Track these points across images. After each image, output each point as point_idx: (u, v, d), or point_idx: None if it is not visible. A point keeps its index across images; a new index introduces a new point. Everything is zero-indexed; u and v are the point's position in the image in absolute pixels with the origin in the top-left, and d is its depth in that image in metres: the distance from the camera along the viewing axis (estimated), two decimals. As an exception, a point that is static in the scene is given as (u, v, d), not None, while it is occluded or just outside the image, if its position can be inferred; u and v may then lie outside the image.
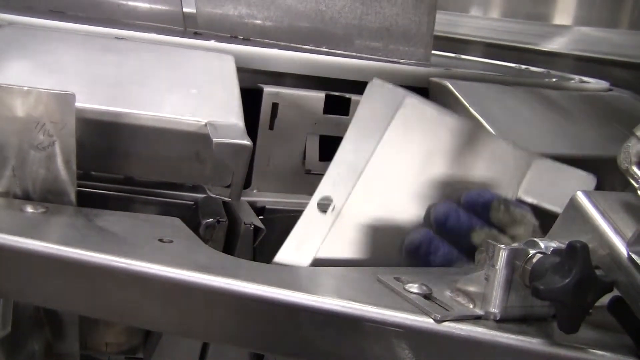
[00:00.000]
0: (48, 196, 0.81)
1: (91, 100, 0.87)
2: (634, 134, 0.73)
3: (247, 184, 0.90)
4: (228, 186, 0.90)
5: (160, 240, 0.75)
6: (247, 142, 0.85)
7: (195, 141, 0.88)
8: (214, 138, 0.84)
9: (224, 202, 0.95)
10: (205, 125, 0.88)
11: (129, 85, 0.93)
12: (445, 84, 1.16)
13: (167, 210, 0.96)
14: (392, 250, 0.84)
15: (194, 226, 0.92)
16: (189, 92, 0.95)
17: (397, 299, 0.70)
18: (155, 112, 0.88)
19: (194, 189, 0.96)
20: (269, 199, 1.04)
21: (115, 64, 0.98)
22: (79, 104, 0.82)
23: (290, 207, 1.01)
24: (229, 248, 0.95)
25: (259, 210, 0.99)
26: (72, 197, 0.81)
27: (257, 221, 0.94)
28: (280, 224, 1.00)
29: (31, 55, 0.95)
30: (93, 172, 0.91)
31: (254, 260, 0.94)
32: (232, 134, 0.86)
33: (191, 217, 0.95)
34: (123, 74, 0.95)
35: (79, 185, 0.83)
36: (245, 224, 0.92)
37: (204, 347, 1.05)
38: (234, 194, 0.89)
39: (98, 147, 0.87)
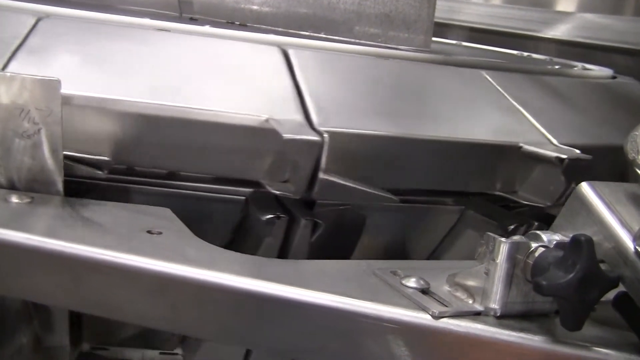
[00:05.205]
0: (34, 186, 0.78)
1: (149, 96, 0.85)
2: (641, 122, 0.71)
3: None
4: (285, 181, 0.88)
5: (149, 231, 0.73)
6: (317, 137, 0.84)
7: (256, 137, 0.86)
8: (284, 134, 0.83)
9: (275, 197, 0.93)
10: (267, 120, 0.86)
11: (184, 81, 0.91)
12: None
13: (214, 205, 0.93)
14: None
15: (248, 221, 0.91)
16: (244, 87, 0.93)
17: (394, 294, 0.68)
18: (216, 107, 0.86)
19: (233, 182, 0.93)
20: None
21: (164, 57, 0.95)
22: (138, 100, 0.82)
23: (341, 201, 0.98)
24: (284, 243, 0.93)
25: (310, 204, 0.97)
26: (59, 186, 0.79)
27: (314, 216, 0.92)
28: (331, 218, 0.97)
29: (82, 50, 0.92)
30: (137, 168, 0.88)
31: (309, 255, 0.92)
32: (297, 129, 0.85)
33: (243, 212, 0.93)
34: (176, 69, 0.93)
35: (118, 181, 0.83)
36: (305, 219, 0.90)
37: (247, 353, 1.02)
38: (299, 189, 0.87)
39: (151, 142, 0.85)
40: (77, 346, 0.99)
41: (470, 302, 0.67)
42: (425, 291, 0.68)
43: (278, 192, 0.87)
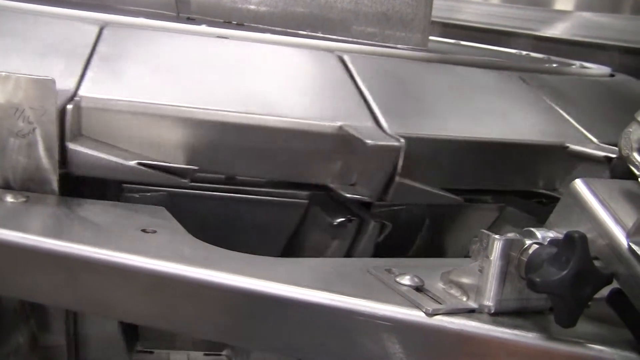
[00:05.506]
0: (29, 185, 0.78)
1: (224, 105, 0.86)
2: (635, 119, 0.71)
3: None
4: (352, 184, 0.89)
5: (144, 230, 0.73)
6: (397, 143, 0.86)
7: (331, 142, 0.88)
8: (367, 140, 0.84)
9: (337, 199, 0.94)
10: (341, 127, 0.87)
11: (251, 88, 0.92)
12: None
13: (272, 208, 0.95)
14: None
15: (311, 224, 0.93)
16: (310, 93, 0.95)
17: (388, 292, 0.67)
18: (290, 115, 0.87)
19: (293, 186, 0.95)
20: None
21: (228, 65, 0.97)
22: (216, 108, 0.84)
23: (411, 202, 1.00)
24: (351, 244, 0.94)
25: (366, 205, 0.98)
26: (54, 185, 0.79)
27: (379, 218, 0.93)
28: (389, 218, 0.98)
29: (151, 58, 0.94)
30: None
31: (375, 255, 0.94)
32: (376, 135, 0.87)
33: (304, 215, 0.95)
34: (240, 76, 0.94)
35: (179, 187, 0.84)
36: (375, 221, 0.91)
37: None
38: (374, 193, 0.88)
39: (227, 149, 0.87)
40: (131, 350, 1.01)
41: (465, 299, 0.67)
42: (419, 289, 0.68)
43: (349, 196, 0.88)
